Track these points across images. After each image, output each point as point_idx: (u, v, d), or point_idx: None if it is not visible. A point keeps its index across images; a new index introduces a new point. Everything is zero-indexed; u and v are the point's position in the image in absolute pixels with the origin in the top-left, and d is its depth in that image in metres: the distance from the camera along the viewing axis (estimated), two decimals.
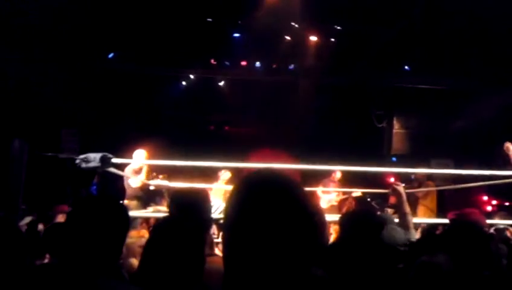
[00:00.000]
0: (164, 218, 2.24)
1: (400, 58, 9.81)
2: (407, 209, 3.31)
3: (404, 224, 2.97)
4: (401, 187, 3.50)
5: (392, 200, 8.83)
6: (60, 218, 5.14)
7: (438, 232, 6.15)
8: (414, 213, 8.14)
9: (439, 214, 8.04)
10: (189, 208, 2.48)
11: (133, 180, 7.27)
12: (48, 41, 8.35)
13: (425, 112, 10.63)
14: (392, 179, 9.94)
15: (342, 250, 2.51)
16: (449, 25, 8.53)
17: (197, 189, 2.87)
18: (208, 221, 2.63)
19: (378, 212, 6.38)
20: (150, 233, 1.97)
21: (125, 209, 1.98)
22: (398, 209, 3.34)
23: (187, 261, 1.83)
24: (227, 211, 1.22)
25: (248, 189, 1.22)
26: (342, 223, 2.74)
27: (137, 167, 7.27)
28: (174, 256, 1.82)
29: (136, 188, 7.48)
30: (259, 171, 1.26)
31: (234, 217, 1.19)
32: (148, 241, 1.96)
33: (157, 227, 1.98)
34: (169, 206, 2.74)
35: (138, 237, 3.74)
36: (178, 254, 1.82)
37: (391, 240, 2.73)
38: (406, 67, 10.03)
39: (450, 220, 3.96)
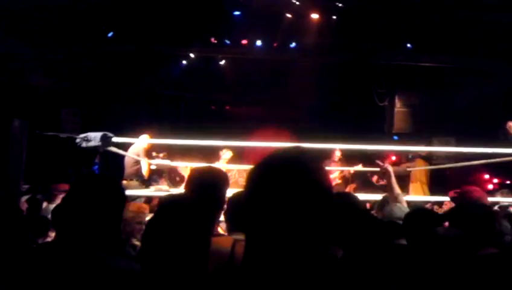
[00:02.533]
0: (170, 196, 2.22)
1: (402, 35, 9.71)
2: (398, 189, 3.31)
3: None
4: (390, 168, 3.49)
5: (375, 179, 8.95)
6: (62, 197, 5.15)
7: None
8: (406, 189, 8.21)
9: (439, 191, 8.05)
10: (206, 188, 2.44)
11: (145, 162, 7.32)
12: (47, 21, 8.29)
13: (428, 90, 10.58)
14: (393, 158, 9.98)
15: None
16: (452, 1, 8.43)
17: (216, 169, 2.81)
18: (222, 201, 2.59)
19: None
20: (156, 211, 1.94)
21: (119, 186, 1.98)
22: (390, 190, 3.33)
23: (191, 242, 1.81)
24: (248, 187, 1.22)
25: (268, 166, 1.22)
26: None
27: (146, 146, 7.32)
28: (178, 235, 1.80)
29: (138, 168, 7.51)
30: (288, 149, 1.27)
31: (254, 193, 1.20)
32: (153, 219, 1.94)
33: (163, 205, 1.96)
34: (186, 184, 2.70)
35: (137, 211, 3.72)
36: (182, 233, 1.81)
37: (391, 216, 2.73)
38: (408, 45, 9.94)
39: (451, 198, 3.97)
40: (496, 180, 10.26)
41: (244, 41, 10.08)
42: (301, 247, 1.15)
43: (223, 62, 11.00)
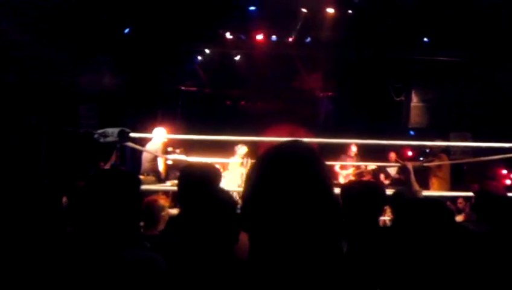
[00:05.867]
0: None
1: (418, 30, 9.62)
2: (417, 186, 3.30)
3: None
4: (409, 165, 3.48)
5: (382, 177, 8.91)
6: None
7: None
8: (427, 185, 8.14)
9: (456, 186, 8.00)
10: (197, 183, 2.49)
11: (161, 159, 7.37)
12: (65, 16, 8.37)
13: (444, 84, 10.47)
14: (410, 153, 9.92)
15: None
16: None
17: (206, 164, 2.87)
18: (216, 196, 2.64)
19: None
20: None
21: (135, 180, 2.00)
22: (409, 187, 3.33)
23: (220, 231, 1.87)
24: (250, 180, 1.23)
25: (270, 159, 1.23)
26: (344, 194, 2.75)
27: (164, 143, 7.38)
28: (208, 226, 1.86)
29: (155, 164, 7.57)
30: (283, 142, 1.27)
31: (256, 185, 1.21)
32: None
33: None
34: (178, 181, 2.76)
35: (158, 204, 3.79)
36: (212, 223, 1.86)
37: None
38: (425, 39, 9.84)
39: (474, 193, 3.96)
40: None
41: (259, 37, 10.08)
42: (303, 240, 1.15)
43: (238, 57, 11.02)
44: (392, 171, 9.05)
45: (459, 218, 5.95)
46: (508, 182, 9.76)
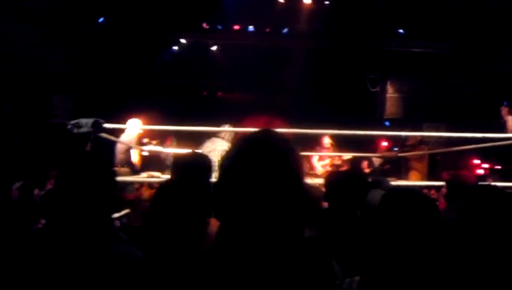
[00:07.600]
0: (167, 181, 2.19)
1: (394, 21, 9.69)
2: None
3: None
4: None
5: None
6: (53, 183, 5.12)
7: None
8: (406, 177, 8.23)
9: (430, 176, 8.10)
10: (189, 173, 2.46)
11: (135, 151, 7.29)
12: (38, 5, 8.20)
13: (420, 76, 10.58)
14: (384, 144, 10.02)
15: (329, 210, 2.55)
16: None
17: (199, 154, 2.84)
18: (208, 186, 2.61)
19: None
20: (154, 196, 1.94)
21: (109, 168, 1.96)
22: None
23: (190, 225, 1.82)
24: (222, 167, 1.23)
25: (242, 147, 1.23)
26: (328, 182, 2.77)
27: (139, 135, 7.29)
28: (177, 219, 1.80)
29: (130, 155, 7.48)
30: (256, 132, 1.27)
31: (227, 173, 1.21)
32: (152, 204, 1.93)
33: (160, 190, 1.95)
34: (171, 171, 2.73)
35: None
36: (181, 217, 1.81)
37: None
38: (401, 30, 9.93)
39: (446, 181, 4.03)
40: (486, 165, 10.31)
41: (236, 27, 10.02)
42: (274, 229, 1.15)
43: (214, 48, 10.94)
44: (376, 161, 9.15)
45: None
46: (480, 171, 9.95)
